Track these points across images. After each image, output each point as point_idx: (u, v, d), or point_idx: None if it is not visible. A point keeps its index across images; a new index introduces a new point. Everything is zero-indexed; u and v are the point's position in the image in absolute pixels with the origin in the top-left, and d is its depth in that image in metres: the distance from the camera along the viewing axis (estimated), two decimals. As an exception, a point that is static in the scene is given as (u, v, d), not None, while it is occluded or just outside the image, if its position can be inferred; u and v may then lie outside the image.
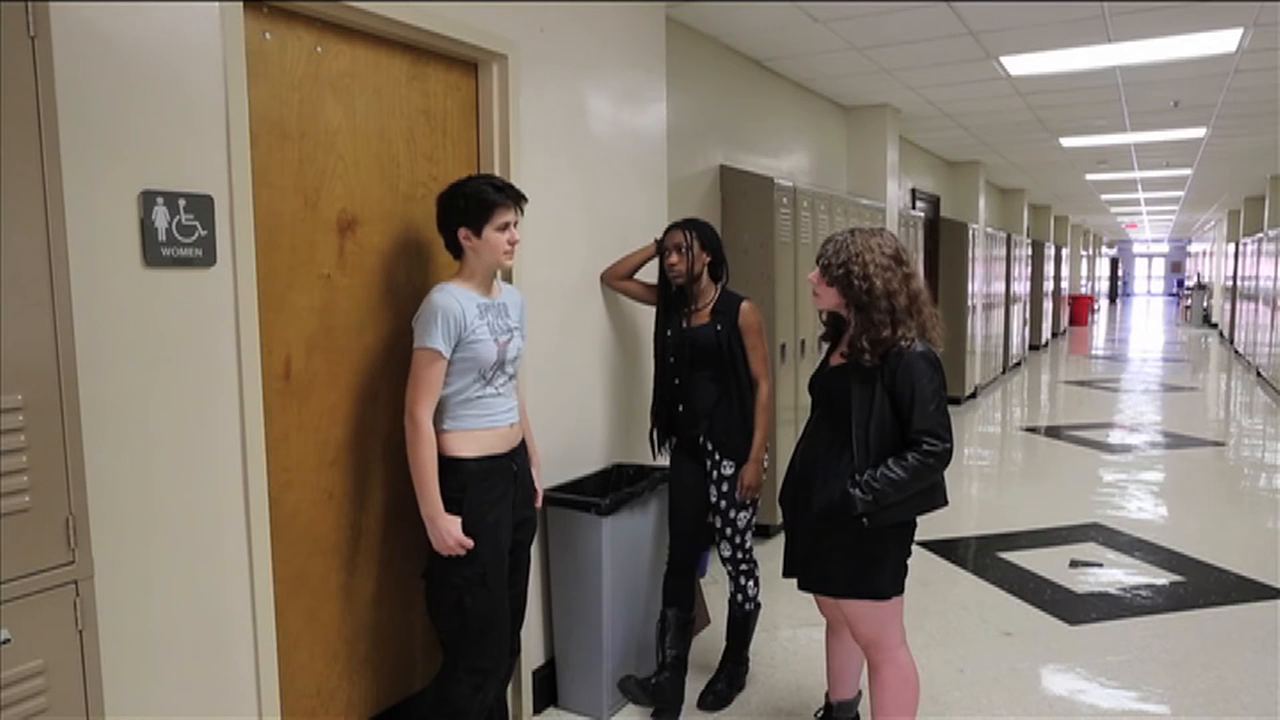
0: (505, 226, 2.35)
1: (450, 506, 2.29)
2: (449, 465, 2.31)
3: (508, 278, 2.84)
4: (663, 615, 3.10)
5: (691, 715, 3.05)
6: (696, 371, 3.03)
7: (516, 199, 2.39)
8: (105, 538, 1.71)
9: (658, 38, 3.67)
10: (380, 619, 2.59)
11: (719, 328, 3.00)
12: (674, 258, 3.03)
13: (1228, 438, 7.92)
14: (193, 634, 1.97)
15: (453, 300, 2.29)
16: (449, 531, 2.27)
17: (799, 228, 4.95)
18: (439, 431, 2.32)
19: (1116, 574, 4.38)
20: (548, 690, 3.08)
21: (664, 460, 3.24)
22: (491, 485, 2.36)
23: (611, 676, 3.00)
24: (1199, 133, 8.53)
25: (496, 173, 2.80)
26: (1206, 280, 23.69)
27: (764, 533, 4.75)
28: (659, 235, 3.17)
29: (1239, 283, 14.47)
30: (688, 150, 4.62)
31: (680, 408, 3.09)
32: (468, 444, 2.33)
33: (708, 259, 3.05)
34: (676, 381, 3.08)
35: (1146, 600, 4.05)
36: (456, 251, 2.41)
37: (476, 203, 2.32)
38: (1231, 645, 3.56)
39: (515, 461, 2.45)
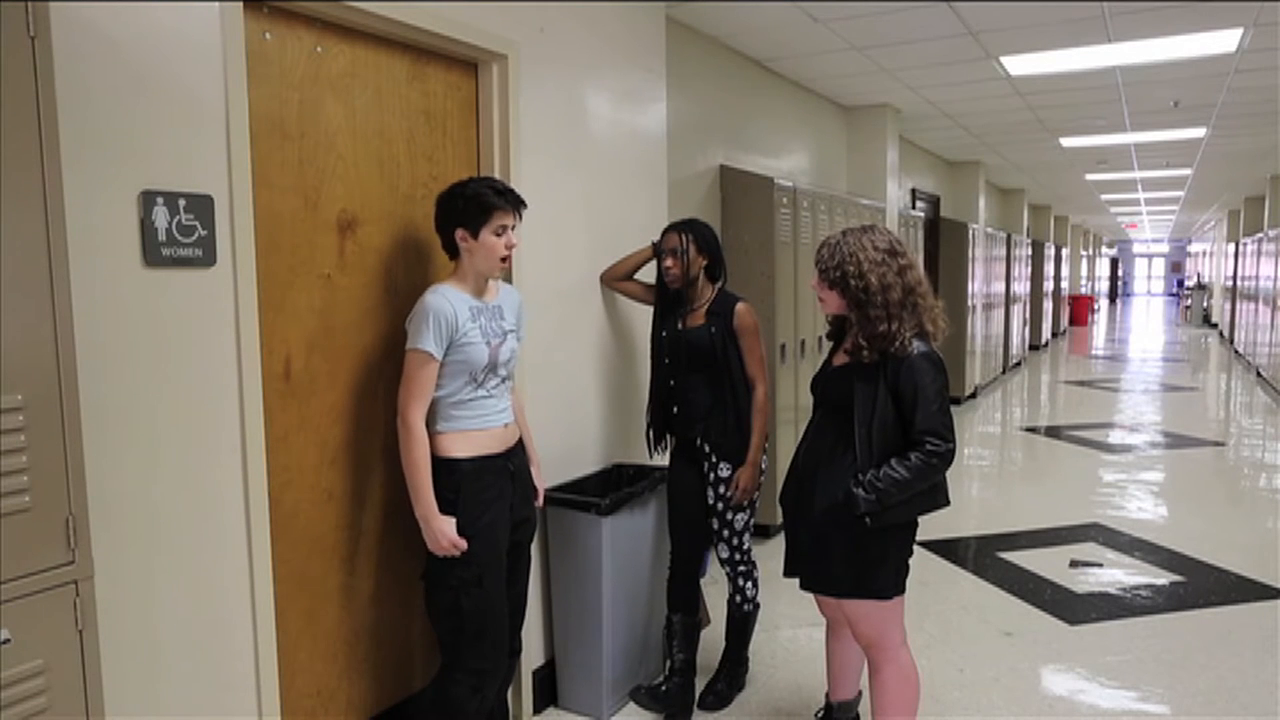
0: (502, 230, 2.35)
1: (445, 507, 2.29)
2: (443, 466, 2.31)
3: (507, 277, 2.84)
4: (669, 621, 3.11)
5: (692, 715, 3.04)
6: (692, 373, 3.02)
7: (516, 204, 2.38)
8: (105, 538, 1.71)
9: (658, 38, 3.67)
10: (380, 619, 2.59)
11: (713, 330, 2.98)
12: (669, 261, 3.02)
13: (1228, 438, 7.92)
14: (192, 634, 1.97)
15: (445, 302, 2.29)
16: (443, 532, 2.27)
17: (799, 228, 4.95)
18: (432, 433, 2.32)
19: (1116, 574, 4.38)
20: (548, 690, 3.08)
21: (661, 460, 3.24)
22: (486, 485, 2.36)
23: (612, 676, 3.00)
24: (1199, 133, 8.53)
25: (496, 173, 2.80)
26: (1206, 280, 23.69)
27: (763, 533, 4.75)
28: (658, 236, 3.16)
29: (1239, 283, 14.47)
30: (688, 150, 4.62)
31: (675, 410, 3.08)
32: (461, 445, 2.33)
33: (704, 262, 3.03)
34: (672, 383, 3.08)
35: (1146, 600, 4.05)
36: (453, 252, 2.40)
37: (475, 204, 2.32)
38: (1231, 645, 3.56)
39: (512, 461, 2.45)
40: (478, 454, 2.35)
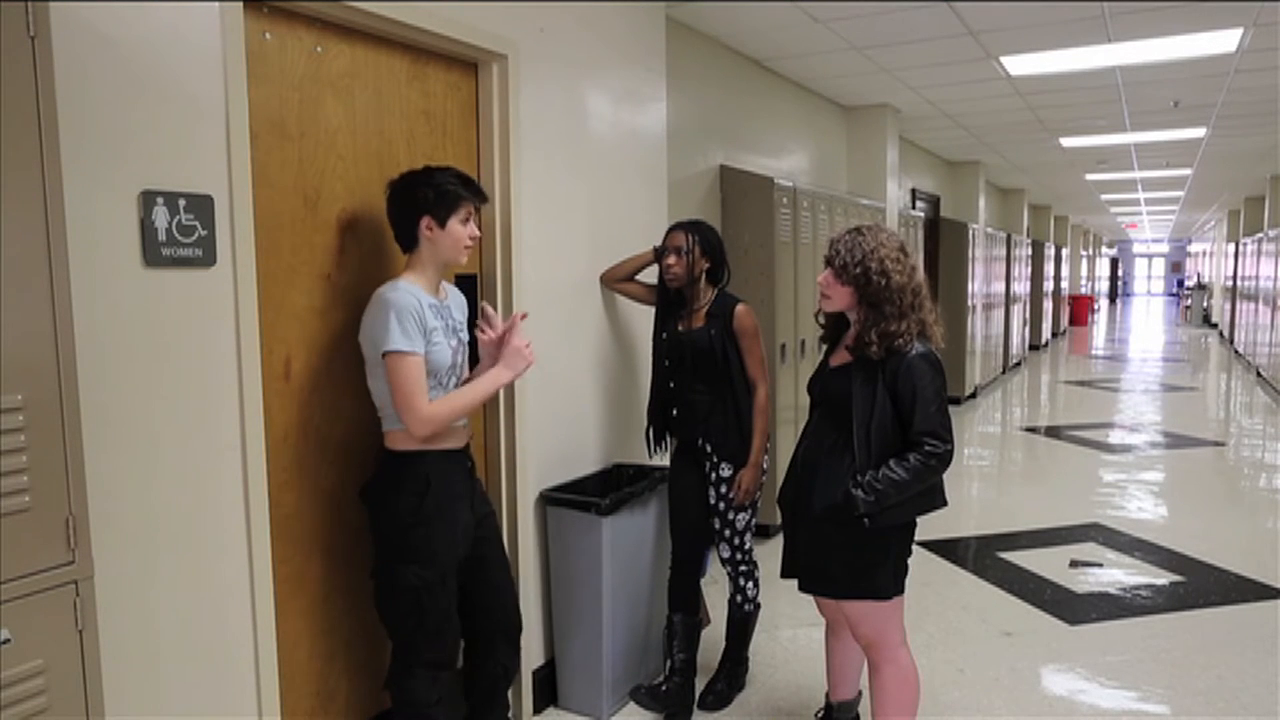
0: (467, 219, 2.31)
1: (413, 500, 2.24)
2: (409, 458, 2.26)
3: (508, 278, 2.84)
4: (669, 621, 3.10)
5: (692, 715, 3.04)
6: (691, 375, 3.02)
7: (479, 195, 2.36)
8: (105, 538, 1.71)
9: (658, 38, 3.67)
10: (380, 619, 2.58)
11: (713, 331, 2.98)
12: (672, 259, 3.01)
13: (1228, 438, 7.92)
14: (192, 634, 1.97)
15: (410, 298, 2.21)
16: (517, 351, 2.33)
17: (799, 228, 4.95)
18: (396, 430, 2.27)
19: (1116, 574, 4.38)
20: (548, 690, 3.08)
21: (662, 460, 3.24)
22: (451, 481, 2.32)
23: (612, 676, 3.00)
24: (1199, 133, 8.53)
25: (496, 173, 2.80)
26: (1206, 280, 23.68)
27: (764, 533, 4.75)
28: (659, 237, 3.16)
29: (1239, 283, 14.47)
30: (688, 150, 4.62)
31: (674, 411, 3.08)
32: (427, 441, 2.29)
33: (707, 265, 3.03)
34: (671, 385, 3.08)
35: (1146, 600, 4.05)
36: (409, 244, 2.33)
37: (443, 194, 2.26)
38: (1231, 645, 3.56)
39: (469, 457, 2.43)
40: (443, 448, 2.31)
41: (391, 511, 2.28)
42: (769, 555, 3.21)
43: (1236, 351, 14.43)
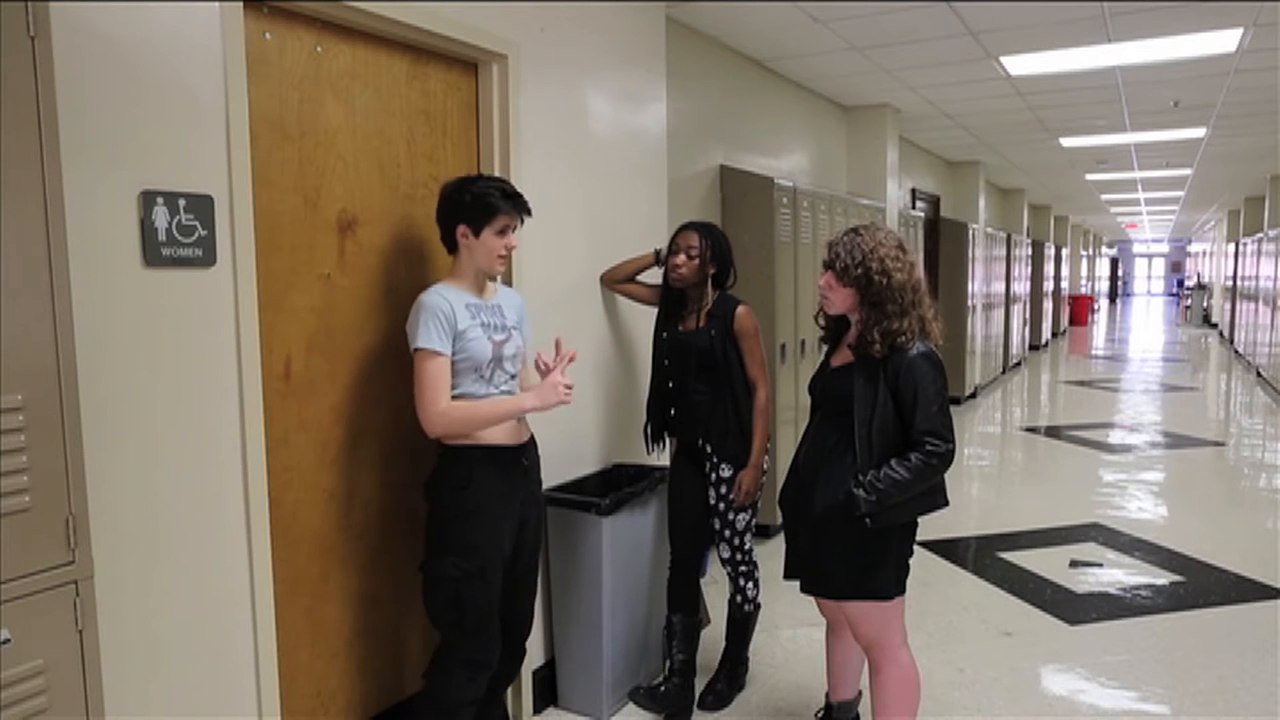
0: (504, 231, 2.35)
1: (455, 494, 2.28)
2: (455, 453, 2.31)
3: (507, 277, 2.84)
4: (669, 621, 3.10)
5: (691, 715, 3.04)
6: (691, 376, 3.02)
7: (522, 209, 2.39)
8: (105, 538, 1.71)
9: (658, 38, 3.67)
10: (380, 619, 2.59)
11: (713, 332, 2.98)
12: (680, 258, 3.00)
13: (1228, 438, 7.92)
14: (192, 634, 1.97)
15: (440, 299, 2.28)
16: (552, 385, 2.31)
17: (799, 228, 4.95)
18: None
19: (1116, 574, 4.38)
20: (548, 690, 3.08)
21: (661, 459, 3.24)
22: (498, 476, 2.34)
23: (611, 676, 3.00)
24: (1199, 133, 8.53)
25: (496, 173, 2.80)
26: (1206, 280, 23.69)
27: (764, 533, 4.75)
28: (659, 237, 3.15)
29: (1239, 283, 14.47)
30: (688, 150, 4.62)
31: (673, 411, 3.08)
32: (474, 436, 2.33)
33: (713, 270, 3.02)
34: (671, 385, 3.07)
35: (1146, 600, 4.05)
36: (452, 246, 2.40)
37: (481, 204, 2.31)
38: (1231, 645, 3.56)
39: (525, 456, 2.45)
40: (490, 444, 2.34)
41: (437, 504, 2.34)
42: (769, 555, 3.22)
43: (1236, 351, 14.43)
